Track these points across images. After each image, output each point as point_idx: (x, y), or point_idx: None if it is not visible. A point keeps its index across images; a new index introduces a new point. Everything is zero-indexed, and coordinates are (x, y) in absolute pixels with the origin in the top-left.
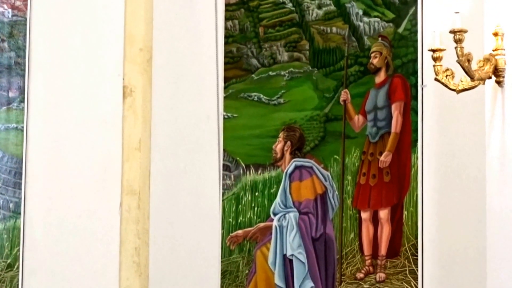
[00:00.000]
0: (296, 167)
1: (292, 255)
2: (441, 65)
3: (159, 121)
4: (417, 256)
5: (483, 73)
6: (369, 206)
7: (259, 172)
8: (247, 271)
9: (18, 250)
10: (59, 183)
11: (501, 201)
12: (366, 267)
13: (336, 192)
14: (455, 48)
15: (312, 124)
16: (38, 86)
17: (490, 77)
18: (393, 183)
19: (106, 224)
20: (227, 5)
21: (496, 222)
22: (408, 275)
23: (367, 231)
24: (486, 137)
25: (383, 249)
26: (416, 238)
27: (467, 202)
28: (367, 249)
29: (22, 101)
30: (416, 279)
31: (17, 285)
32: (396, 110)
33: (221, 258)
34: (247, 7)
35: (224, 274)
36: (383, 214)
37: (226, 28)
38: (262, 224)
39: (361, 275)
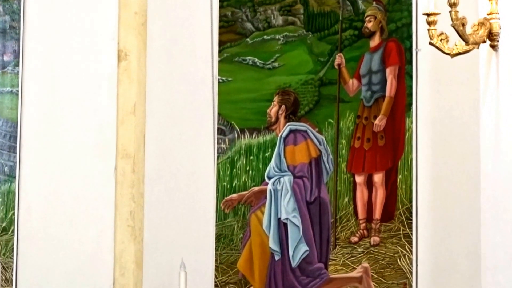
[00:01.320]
0: (291, 131)
1: (286, 219)
2: (435, 29)
3: (154, 85)
4: (411, 219)
5: (477, 37)
6: (363, 170)
7: (253, 136)
8: (241, 235)
9: (13, 214)
10: (54, 147)
11: (495, 162)
12: (361, 231)
13: (331, 156)
14: (450, 12)
15: (306, 88)
16: (33, 50)
17: (484, 41)
18: (388, 147)
19: (100, 188)
20: None
21: (490, 183)
22: (402, 239)
23: (361, 195)
24: (480, 101)
25: (377, 213)
26: (411, 202)
27: (461, 165)
28: (361, 213)
29: (17, 65)
30: (410, 242)
31: (12, 248)
32: (390, 74)
33: (216, 222)
34: None
35: (218, 238)
36: (378, 178)
37: None
38: (256, 188)
39: (356, 239)
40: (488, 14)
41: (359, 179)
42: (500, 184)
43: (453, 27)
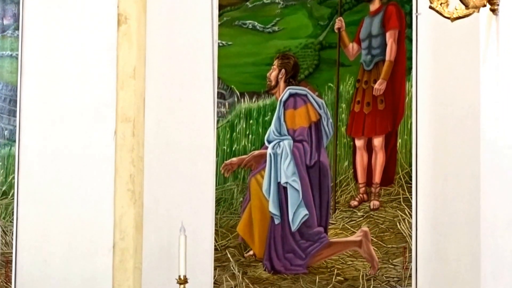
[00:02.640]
0: (291, 95)
1: (286, 182)
2: None
3: (154, 49)
4: (411, 183)
5: (477, 1)
6: (363, 134)
7: (253, 100)
8: (241, 199)
9: (13, 178)
10: (54, 110)
11: (496, 129)
12: (360, 195)
13: (331, 120)
14: None
15: (306, 52)
16: (33, 13)
17: (484, 5)
18: (387, 111)
19: (100, 152)
20: None
21: (490, 148)
22: (402, 203)
23: (361, 159)
24: (480, 65)
25: (377, 177)
26: (410, 166)
27: (461, 129)
28: (361, 177)
29: (17, 28)
30: (410, 206)
31: (12, 212)
32: (390, 38)
33: (216, 186)
34: None
35: (218, 201)
36: (377, 142)
37: None
38: (256, 152)
39: (355, 203)
40: None
41: (359, 143)
42: (500, 149)
43: None
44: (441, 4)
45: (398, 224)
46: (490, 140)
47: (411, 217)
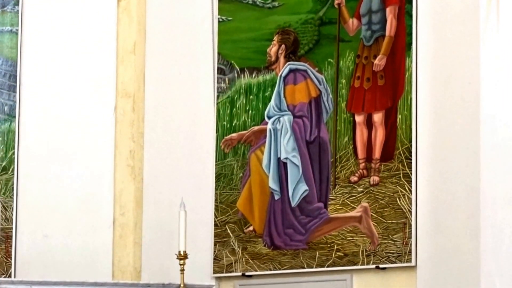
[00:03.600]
0: (291, 71)
1: (286, 158)
2: None
3: (154, 24)
4: (411, 159)
5: None
6: (363, 110)
7: (253, 75)
8: (241, 174)
9: (13, 154)
10: (54, 86)
11: (495, 104)
12: (360, 171)
13: (331, 96)
14: None
15: (306, 28)
16: None
17: None
18: (387, 87)
19: (100, 127)
20: None
21: (489, 123)
22: (402, 179)
23: (361, 134)
24: (480, 39)
25: (377, 153)
26: (410, 141)
27: (461, 105)
28: (361, 153)
29: (17, 4)
30: (410, 182)
31: (12, 188)
32: (390, 14)
33: (216, 162)
34: None
35: (218, 177)
36: (377, 117)
37: None
38: (256, 128)
39: (355, 179)
40: None
41: (359, 118)
42: (500, 121)
43: None
44: None
45: (398, 199)
46: (489, 115)
47: (411, 193)
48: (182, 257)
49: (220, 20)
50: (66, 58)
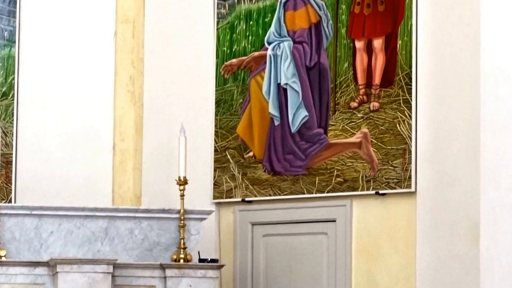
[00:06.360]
0: None
1: (286, 84)
2: None
3: None
4: (411, 85)
5: None
6: (363, 35)
7: (253, 1)
8: (241, 100)
9: (13, 79)
10: (53, 11)
11: (495, 26)
12: (360, 96)
13: (331, 21)
14: None
15: None
16: None
17: None
18: (388, 12)
19: (100, 53)
20: None
21: (490, 48)
22: (402, 104)
23: (361, 60)
24: None
25: (377, 78)
26: (410, 67)
27: (461, 31)
28: (361, 78)
29: None
30: (410, 108)
31: (12, 113)
32: None
33: (216, 87)
34: None
35: (218, 103)
36: (377, 43)
37: None
38: (256, 53)
39: (355, 104)
40: None
41: (359, 44)
42: (500, 45)
43: None
44: None
45: (397, 125)
46: (490, 39)
47: (411, 119)
48: (182, 182)
49: None
50: None
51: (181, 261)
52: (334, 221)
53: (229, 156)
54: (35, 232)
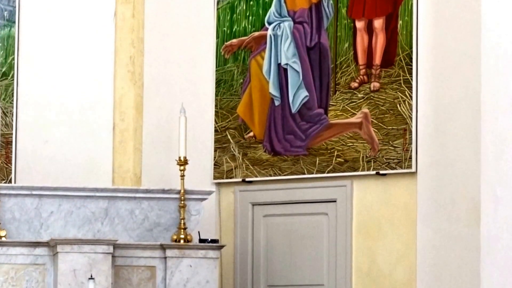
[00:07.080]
0: None
1: (286, 64)
2: None
3: None
4: (411, 65)
5: None
6: (364, 15)
7: None
8: (241, 80)
9: (13, 59)
10: None
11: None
12: (361, 77)
13: (331, 1)
14: None
15: None
16: None
17: None
18: None
19: (100, 33)
20: None
21: (490, 29)
22: (402, 85)
23: (361, 40)
24: None
25: (377, 59)
26: (411, 47)
27: (462, 10)
28: (361, 59)
29: None
30: (410, 88)
31: (12, 93)
32: None
33: (216, 67)
34: None
35: (218, 83)
36: (378, 23)
37: None
38: (256, 33)
39: (356, 85)
40: None
41: (359, 24)
42: (501, 27)
43: None
44: None
45: (398, 105)
46: (491, 19)
47: (411, 99)
48: (182, 162)
49: None
50: None
51: (182, 241)
52: (335, 201)
53: (229, 136)
54: (35, 213)
